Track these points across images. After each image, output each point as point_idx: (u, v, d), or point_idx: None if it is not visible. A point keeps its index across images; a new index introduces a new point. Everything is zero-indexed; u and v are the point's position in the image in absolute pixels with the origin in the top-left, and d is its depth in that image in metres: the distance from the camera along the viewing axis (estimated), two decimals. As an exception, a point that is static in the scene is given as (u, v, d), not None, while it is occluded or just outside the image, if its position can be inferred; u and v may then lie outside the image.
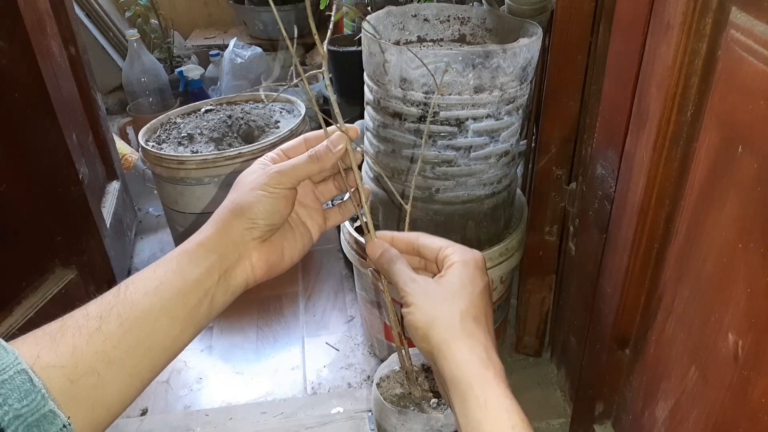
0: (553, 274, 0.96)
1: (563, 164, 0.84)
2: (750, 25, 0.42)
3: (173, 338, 0.43)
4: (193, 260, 0.44)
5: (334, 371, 1.07)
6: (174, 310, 0.43)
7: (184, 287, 0.43)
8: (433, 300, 0.44)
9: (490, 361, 0.42)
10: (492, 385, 0.41)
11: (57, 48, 1.06)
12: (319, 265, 1.35)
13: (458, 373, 0.42)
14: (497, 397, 0.41)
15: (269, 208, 0.46)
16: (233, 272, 0.46)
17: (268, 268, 0.48)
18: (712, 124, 0.49)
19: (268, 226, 0.46)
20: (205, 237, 0.45)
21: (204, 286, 0.44)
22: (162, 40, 2.07)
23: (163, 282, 0.42)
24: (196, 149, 1.23)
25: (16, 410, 0.35)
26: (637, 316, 0.66)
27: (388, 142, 0.82)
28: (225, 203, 0.47)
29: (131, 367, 0.41)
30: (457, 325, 0.43)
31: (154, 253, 1.42)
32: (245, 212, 0.45)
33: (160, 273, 0.43)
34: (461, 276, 0.46)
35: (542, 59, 0.84)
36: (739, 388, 0.45)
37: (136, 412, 1.01)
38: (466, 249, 0.48)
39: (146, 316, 0.41)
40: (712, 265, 0.49)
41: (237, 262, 0.46)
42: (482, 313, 0.45)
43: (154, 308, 0.42)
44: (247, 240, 0.46)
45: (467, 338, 0.43)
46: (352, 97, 1.55)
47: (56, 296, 1.05)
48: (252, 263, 0.47)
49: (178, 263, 0.44)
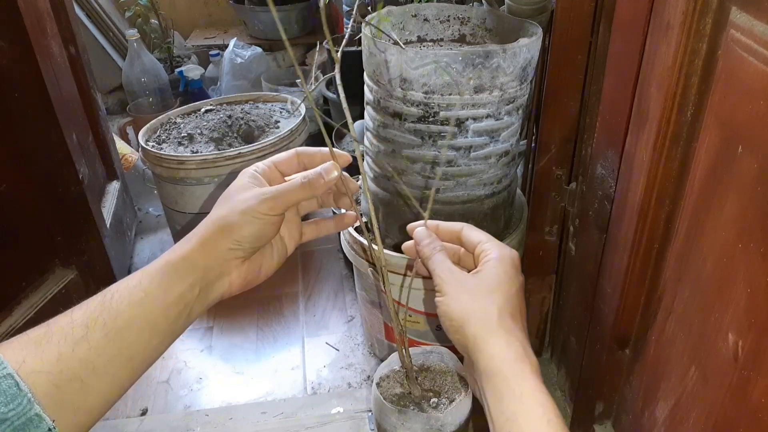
0: (553, 274, 0.96)
1: (563, 164, 0.84)
2: (750, 25, 0.42)
3: (153, 348, 0.44)
4: (177, 274, 0.45)
5: (334, 371, 1.07)
6: (156, 322, 0.43)
7: (167, 300, 0.44)
8: (469, 293, 0.45)
9: (527, 356, 0.43)
10: (528, 379, 0.41)
11: (57, 48, 1.06)
12: (319, 265, 1.35)
13: (494, 367, 0.42)
14: (533, 392, 0.41)
15: (257, 233, 0.46)
16: (212, 287, 0.47)
17: (244, 285, 0.49)
18: (712, 123, 0.49)
19: (252, 248, 0.47)
20: (190, 251, 0.46)
21: (185, 299, 0.45)
22: (162, 40, 2.07)
23: (148, 294, 0.43)
24: (196, 149, 1.23)
25: (3, 414, 0.35)
26: (637, 316, 0.66)
27: (388, 142, 0.82)
28: (212, 218, 0.47)
29: (113, 374, 0.42)
30: (495, 320, 0.44)
31: (154, 253, 1.42)
32: (233, 233, 0.45)
33: (145, 284, 0.44)
34: (498, 272, 0.46)
35: (542, 59, 0.84)
36: (740, 388, 0.45)
37: (136, 412, 1.01)
38: (503, 246, 0.49)
39: (130, 326, 0.42)
40: (712, 265, 0.49)
41: (217, 278, 0.47)
42: (518, 310, 0.46)
43: (138, 319, 0.42)
44: (229, 258, 0.46)
45: (505, 334, 0.44)
46: (352, 97, 1.55)
47: (56, 296, 1.05)
48: (231, 280, 0.48)
49: (163, 276, 0.44)
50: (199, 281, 0.45)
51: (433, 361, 0.59)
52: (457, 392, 0.56)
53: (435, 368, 0.59)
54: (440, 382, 0.58)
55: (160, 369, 1.09)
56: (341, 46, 0.48)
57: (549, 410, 0.40)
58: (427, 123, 0.76)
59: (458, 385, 0.57)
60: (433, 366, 0.59)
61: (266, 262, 0.50)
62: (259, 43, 2.04)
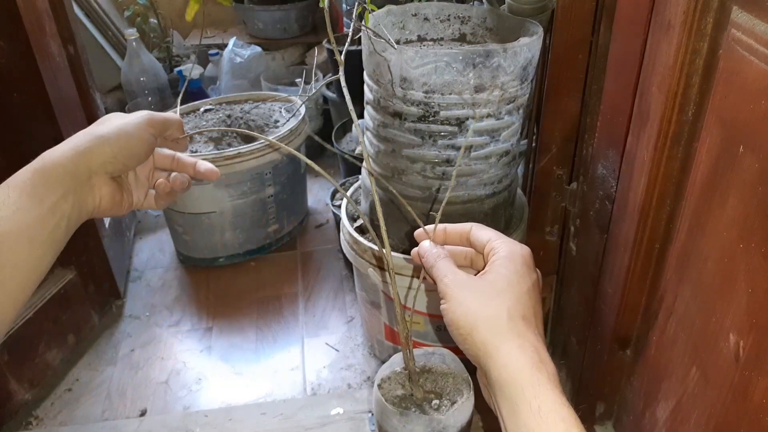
0: (553, 275, 0.96)
1: (564, 164, 0.84)
2: (751, 25, 0.42)
3: (37, 258, 0.45)
4: (49, 183, 0.45)
5: (333, 372, 1.07)
6: (33, 233, 0.44)
7: (40, 211, 0.44)
8: (476, 296, 0.42)
9: (543, 363, 0.39)
10: (546, 390, 0.38)
11: (56, 47, 1.05)
12: (319, 265, 1.34)
13: (507, 377, 0.39)
14: (552, 404, 0.37)
15: (132, 148, 0.49)
16: (85, 199, 0.48)
17: (110, 207, 0.50)
18: (713, 123, 0.48)
19: (123, 165, 0.50)
20: (62, 158, 0.46)
21: (60, 209, 0.45)
22: (161, 40, 2.07)
23: (20, 207, 0.43)
24: (195, 149, 1.23)
25: None
26: (638, 317, 0.66)
27: (388, 142, 0.82)
28: (89, 130, 0.49)
29: (1, 284, 0.42)
30: (504, 324, 0.41)
31: (153, 253, 1.41)
32: (110, 145, 0.48)
33: (14, 197, 0.43)
34: (507, 271, 0.43)
35: (543, 58, 0.84)
36: (741, 389, 0.45)
37: (135, 412, 1.00)
38: (513, 243, 0.46)
39: (5, 240, 0.42)
40: (713, 266, 0.49)
41: (89, 191, 0.48)
42: (531, 311, 0.42)
43: (13, 232, 0.42)
44: (101, 172, 0.48)
45: (516, 339, 0.40)
46: (352, 97, 1.55)
47: (55, 296, 1.04)
48: (101, 195, 0.49)
49: (33, 185, 0.44)
50: (72, 191, 0.46)
51: (434, 362, 0.59)
52: (459, 394, 0.56)
53: (437, 370, 0.59)
54: (442, 384, 0.58)
55: (159, 369, 1.09)
56: (344, 47, 0.47)
57: (571, 425, 0.37)
58: (427, 122, 0.76)
59: (460, 386, 0.57)
60: (435, 368, 0.59)
61: (126, 196, 0.53)
62: (258, 42, 2.03)
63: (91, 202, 0.48)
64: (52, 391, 1.05)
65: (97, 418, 1.00)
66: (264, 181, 1.25)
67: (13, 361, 0.96)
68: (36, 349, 1.02)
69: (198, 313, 1.23)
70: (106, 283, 1.19)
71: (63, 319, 1.07)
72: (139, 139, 0.50)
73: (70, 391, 1.05)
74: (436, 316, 0.90)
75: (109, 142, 0.48)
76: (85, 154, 0.47)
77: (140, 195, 0.56)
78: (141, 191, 0.56)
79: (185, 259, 1.36)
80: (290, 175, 1.32)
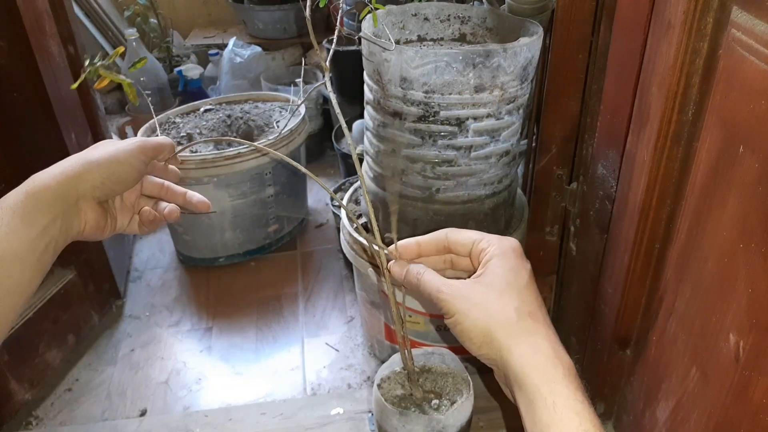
0: (553, 275, 0.96)
1: (564, 164, 0.84)
2: (751, 25, 0.42)
3: (27, 281, 0.45)
4: (40, 206, 0.46)
5: (333, 372, 1.07)
6: (24, 257, 0.44)
7: (31, 234, 0.45)
8: (480, 303, 0.42)
9: (558, 358, 0.40)
10: (561, 386, 0.39)
11: (56, 47, 1.05)
12: (319, 265, 1.34)
13: (524, 376, 0.39)
14: (566, 400, 0.38)
15: (121, 174, 0.50)
16: (72, 223, 0.48)
17: (94, 230, 0.51)
18: (713, 123, 0.48)
19: (111, 190, 0.50)
20: (53, 181, 0.47)
21: (49, 233, 0.46)
22: (161, 40, 2.07)
23: (13, 229, 0.44)
24: (195, 149, 1.23)
25: None
26: (638, 317, 0.66)
27: (388, 142, 0.82)
28: (80, 155, 0.50)
29: None
30: (515, 325, 0.41)
31: (153, 253, 1.41)
32: (99, 170, 0.49)
33: (7, 219, 0.44)
34: (503, 270, 0.43)
35: (543, 59, 0.84)
36: (741, 389, 0.45)
37: (135, 413, 1.00)
38: (501, 238, 0.46)
39: None
40: (713, 265, 0.49)
41: (75, 215, 0.49)
42: (536, 304, 0.43)
43: (6, 255, 0.43)
44: (88, 197, 0.49)
45: (529, 337, 0.41)
46: (352, 97, 1.55)
47: (55, 296, 1.04)
48: (87, 219, 0.49)
49: (25, 209, 0.45)
50: (60, 215, 0.46)
51: (434, 362, 0.59)
52: (459, 394, 0.56)
53: (436, 370, 0.59)
54: (441, 384, 0.58)
55: (159, 370, 1.09)
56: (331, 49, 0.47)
57: (585, 419, 0.37)
58: (427, 122, 0.76)
59: (460, 386, 0.57)
60: (435, 367, 0.59)
61: (110, 221, 0.53)
62: (258, 42, 2.03)
63: (77, 226, 0.49)
64: (52, 391, 1.05)
65: (97, 418, 1.00)
66: (264, 181, 1.25)
67: (13, 361, 0.96)
68: (36, 349, 1.02)
69: (198, 313, 1.23)
70: (106, 283, 1.19)
71: (63, 319, 1.07)
72: (129, 166, 0.51)
73: (70, 391, 1.05)
74: (436, 316, 0.90)
75: (99, 167, 0.49)
76: (74, 178, 0.48)
77: (124, 220, 0.56)
78: (126, 216, 0.56)
79: (185, 259, 1.36)
80: (290, 175, 1.32)
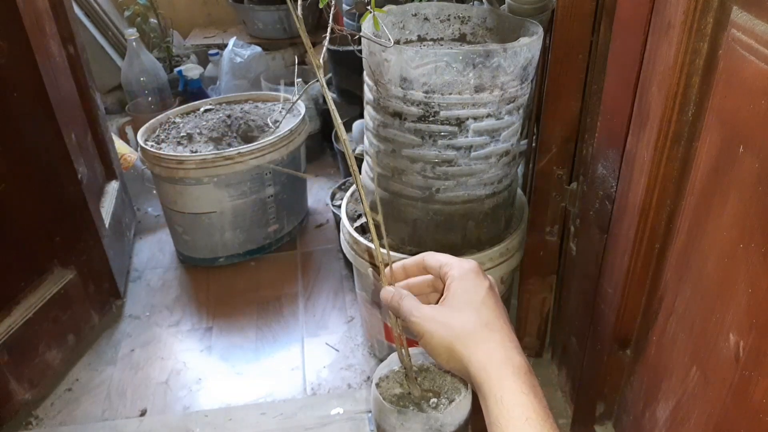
0: (553, 275, 0.96)
1: (564, 164, 0.84)
2: (751, 25, 0.42)
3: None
4: None
5: (333, 372, 1.07)
6: None
7: None
8: (443, 323, 0.47)
9: (509, 359, 0.44)
10: (509, 382, 0.43)
11: (56, 47, 1.05)
12: (319, 265, 1.34)
13: (479, 379, 0.44)
14: (512, 394, 0.42)
15: None
16: None
17: None
18: (713, 123, 0.48)
19: None
20: None
21: None
22: (161, 40, 2.07)
23: None
24: (195, 149, 1.23)
25: None
26: (638, 317, 0.66)
27: (388, 142, 0.82)
28: None
29: None
30: (472, 337, 0.46)
31: (153, 253, 1.41)
32: None
33: None
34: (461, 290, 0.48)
35: (543, 59, 0.84)
36: (741, 389, 0.45)
37: (135, 413, 1.00)
38: (461, 261, 0.51)
39: None
40: (713, 265, 0.49)
41: None
42: (493, 316, 0.47)
43: None
44: None
45: (483, 344, 0.45)
46: (352, 97, 1.55)
47: (55, 296, 1.04)
48: None
49: None
50: None
51: (432, 361, 0.59)
52: (457, 392, 0.56)
53: (434, 368, 0.59)
54: (440, 383, 0.58)
55: (159, 370, 1.09)
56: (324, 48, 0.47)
57: (528, 408, 0.41)
58: (427, 122, 0.76)
59: (458, 385, 0.57)
60: (433, 366, 0.59)
61: None
62: (258, 42, 2.03)
63: None
64: (52, 391, 1.05)
65: (97, 418, 1.00)
66: (264, 181, 1.25)
67: (13, 361, 0.96)
68: (36, 349, 1.02)
69: (198, 313, 1.23)
70: (106, 283, 1.18)
71: (63, 319, 1.07)
72: None
73: (70, 391, 1.05)
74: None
75: None
76: None
77: None
78: None
79: (185, 259, 1.36)
80: (290, 175, 1.32)
